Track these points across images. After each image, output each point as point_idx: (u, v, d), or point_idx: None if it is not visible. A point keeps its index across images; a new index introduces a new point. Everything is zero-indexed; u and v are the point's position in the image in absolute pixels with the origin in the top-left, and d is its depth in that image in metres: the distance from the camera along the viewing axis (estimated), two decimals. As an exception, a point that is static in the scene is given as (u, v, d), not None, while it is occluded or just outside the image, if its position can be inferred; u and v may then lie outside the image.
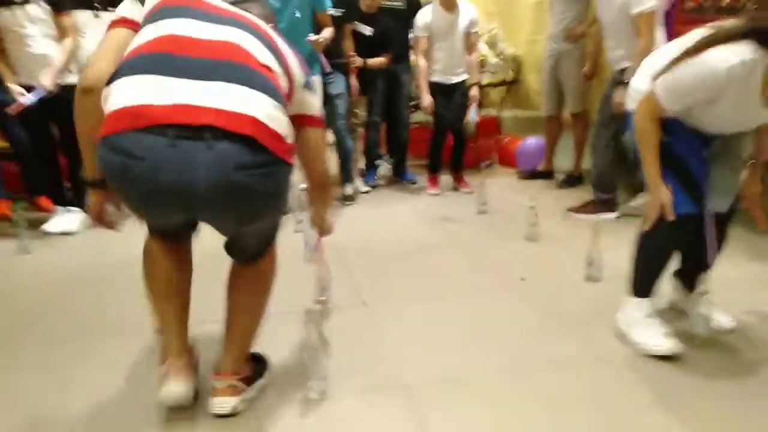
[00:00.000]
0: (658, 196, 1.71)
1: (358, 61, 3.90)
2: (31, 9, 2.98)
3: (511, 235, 3.02)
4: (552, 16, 4.02)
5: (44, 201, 3.30)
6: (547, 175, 4.37)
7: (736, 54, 1.50)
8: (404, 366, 1.75)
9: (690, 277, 1.96)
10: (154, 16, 1.38)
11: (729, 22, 1.58)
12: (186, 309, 1.58)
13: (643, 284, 1.86)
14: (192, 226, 1.60)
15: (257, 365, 1.66)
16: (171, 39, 1.32)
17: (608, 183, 3.34)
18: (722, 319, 1.91)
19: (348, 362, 1.75)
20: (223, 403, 1.51)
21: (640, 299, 1.86)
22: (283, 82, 1.42)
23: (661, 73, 1.67)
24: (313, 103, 1.64)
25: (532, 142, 4.63)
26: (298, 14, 3.22)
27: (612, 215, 3.28)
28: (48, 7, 3.01)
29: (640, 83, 1.83)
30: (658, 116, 1.69)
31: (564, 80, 3.92)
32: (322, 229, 1.86)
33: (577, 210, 3.40)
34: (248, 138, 1.25)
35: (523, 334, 1.95)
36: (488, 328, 1.99)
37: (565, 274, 2.45)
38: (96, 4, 3.66)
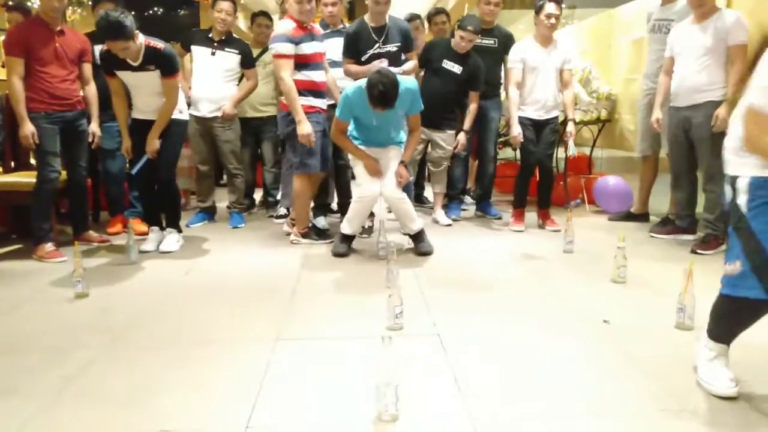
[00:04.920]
0: None
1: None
2: (145, 74, 3.26)
3: (597, 275, 2.91)
4: (649, 54, 3.92)
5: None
6: (641, 217, 4.19)
7: None
8: (473, 399, 1.73)
9: None
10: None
11: None
12: (309, 205, 3.73)
13: (718, 333, 1.79)
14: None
15: (314, 233, 3.68)
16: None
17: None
18: None
19: (417, 389, 1.77)
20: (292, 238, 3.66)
21: (712, 342, 1.80)
22: None
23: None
24: None
25: (611, 181, 4.51)
26: (375, 122, 3.23)
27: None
28: (158, 71, 3.27)
29: None
30: None
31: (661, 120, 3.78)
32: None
33: (702, 248, 3.34)
34: None
35: (601, 379, 1.87)
36: (564, 369, 1.93)
37: (652, 320, 2.33)
38: (215, 44, 4.05)
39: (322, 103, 3.55)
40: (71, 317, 2.46)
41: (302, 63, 3.42)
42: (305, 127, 3.37)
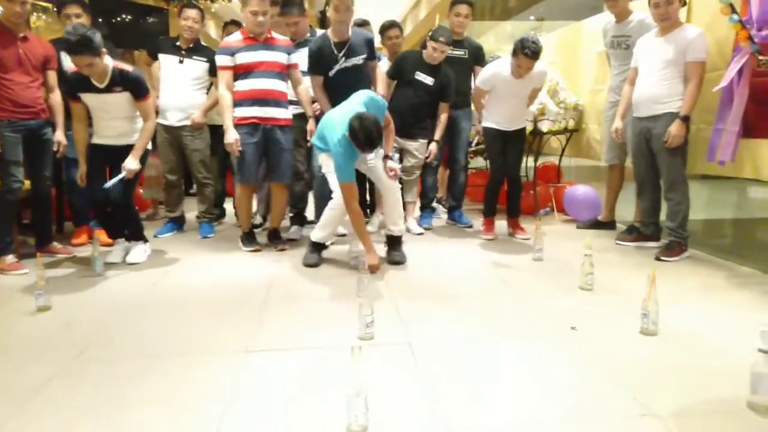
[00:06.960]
0: None
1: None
2: (112, 96, 3.19)
3: (566, 283, 2.96)
4: (611, 68, 4.03)
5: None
6: (608, 225, 4.28)
7: None
8: (443, 407, 1.74)
9: None
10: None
11: None
12: (249, 211, 3.84)
13: None
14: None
15: (246, 239, 3.77)
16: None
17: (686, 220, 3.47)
18: None
19: (387, 399, 1.76)
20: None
21: None
22: None
23: None
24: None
25: (581, 190, 4.60)
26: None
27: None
28: (128, 94, 3.21)
29: None
30: None
31: (625, 130, 3.87)
32: None
33: (665, 254, 3.42)
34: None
35: (570, 384, 1.89)
36: (535, 376, 1.95)
37: (618, 326, 2.37)
38: (183, 52, 4.02)
39: (262, 112, 3.53)
40: (33, 331, 2.39)
41: (241, 72, 3.52)
42: (228, 136, 3.48)
